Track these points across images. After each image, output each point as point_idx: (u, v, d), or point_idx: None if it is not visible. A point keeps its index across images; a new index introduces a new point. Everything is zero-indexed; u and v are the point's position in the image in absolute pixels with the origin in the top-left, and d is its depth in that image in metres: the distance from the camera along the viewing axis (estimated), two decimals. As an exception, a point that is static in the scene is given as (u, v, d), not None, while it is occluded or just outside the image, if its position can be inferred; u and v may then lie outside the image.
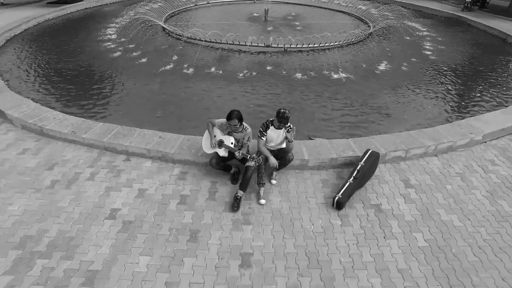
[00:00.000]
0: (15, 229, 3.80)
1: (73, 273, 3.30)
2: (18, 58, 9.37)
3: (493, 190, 4.60)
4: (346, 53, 10.08)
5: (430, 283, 3.28)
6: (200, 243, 3.64)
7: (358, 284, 3.24)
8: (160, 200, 4.25)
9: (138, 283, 3.20)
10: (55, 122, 5.64)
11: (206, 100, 7.05)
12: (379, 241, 3.74)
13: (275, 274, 3.31)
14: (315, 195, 4.37)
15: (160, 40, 10.87)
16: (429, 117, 6.60)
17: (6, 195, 4.31)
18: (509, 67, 9.61)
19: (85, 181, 4.59)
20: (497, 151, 5.52)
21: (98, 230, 3.80)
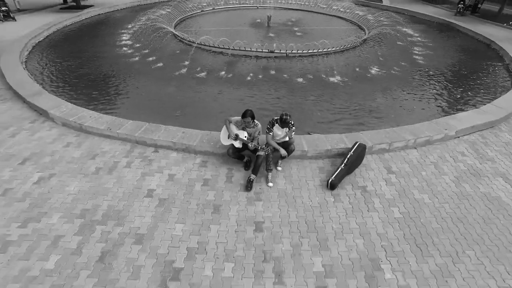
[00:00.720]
0: (75, 204, 4.78)
1: (125, 236, 4.28)
2: (46, 64, 10.36)
3: (459, 175, 5.58)
4: (342, 58, 11.06)
5: (401, 243, 4.26)
6: (222, 214, 4.62)
7: (346, 244, 4.22)
8: (187, 182, 5.23)
9: (176, 242, 4.18)
10: (92, 120, 6.63)
11: (218, 101, 8.03)
12: (363, 213, 4.72)
13: (281, 236, 4.30)
14: (313, 179, 5.36)
15: (172, 46, 11.84)
16: (413, 116, 7.57)
17: (61, 178, 5.30)
18: (489, 71, 10.59)
19: (123, 168, 5.57)
20: (468, 144, 6.51)
21: (140, 205, 4.78)
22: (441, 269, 3.92)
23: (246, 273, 3.80)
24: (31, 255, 3.98)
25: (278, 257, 4.01)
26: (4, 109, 7.58)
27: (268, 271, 3.83)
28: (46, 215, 4.59)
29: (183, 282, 3.69)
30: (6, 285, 3.62)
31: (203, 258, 3.97)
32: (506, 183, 5.42)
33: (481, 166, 5.86)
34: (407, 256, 4.08)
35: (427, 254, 4.12)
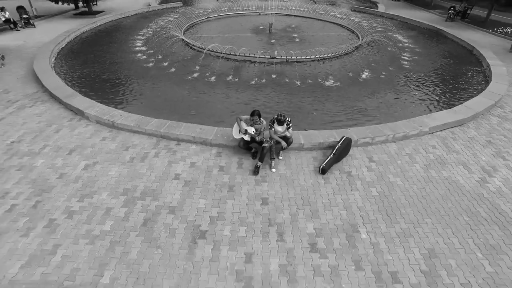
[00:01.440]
0: (118, 185, 6.01)
1: (161, 208, 5.51)
2: (72, 69, 11.60)
3: (428, 164, 6.81)
4: (337, 64, 12.29)
5: (375, 214, 5.48)
6: (235, 192, 5.85)
7: (332, 214, 5.45)
8: (206, 168, 6.46)
9: (201, 212, 5.41)
10: (122, 118, 7.86)
11: (227, 102, 9.26)
12: (347, 192, 5.95)
13: (282, 208, 5.53)
14: (308, 166, 6.59)
15: (183, 52, 13.07)
16: (395, 115, 8.80)
17: (103, 165, 6.53)
18: (467, 75, 11.82)
19: (152, 157, 6.80)
20: (439, 139, 7.73)
21: (169, 185, 6.01)
22: (404, 232, 5.15)
23: (256, 234, 5.03)
24: (91, 221, 5.21)
25: (280, 222, 5.24)
26: (44, 109, 8.82)
27: (273, 232, 5.07)
28: (96, 193, 5.82)
29: (208, 239, 4.92)
30: (78, 240, 4.86)
31: (223, 223, 5.20)
32: (465, 170, 6.65)
33: (447, 157, 7.09)
34: (379, 222, 5.31)
35: (395, 221, 5.35)
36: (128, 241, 4.88)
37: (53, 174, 6.29)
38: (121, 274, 4.40)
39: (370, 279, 4.42)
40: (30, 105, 9.02)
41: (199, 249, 4.78)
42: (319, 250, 4.79)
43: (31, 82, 10.55)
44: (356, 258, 4.69)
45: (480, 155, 7.18)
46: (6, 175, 6.24)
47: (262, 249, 4.79)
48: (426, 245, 4.93)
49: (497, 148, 7.48)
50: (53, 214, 5.35)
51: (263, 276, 4.41)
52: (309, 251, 4.79)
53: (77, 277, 4.36)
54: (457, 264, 4.66)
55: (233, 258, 4.65)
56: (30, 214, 5.35)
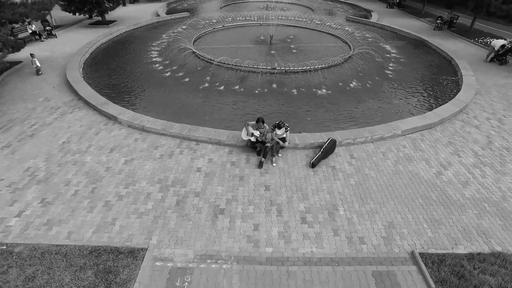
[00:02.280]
0: (152, 176, 7.75)
1: (188, 193, 7.25)
2: (98, 79, 13.34)
3: (398, 160, 8.55)
4: (329, 74, 14.00)
5: (351, 197, 7.22)
6: (245, 181, 7.59)
7: (318, 197, 7.18)
8: (221, 163, 8.20)
9: (219, 196, 7.15)
10: (150, 122, 9.59)
11: (235, 109, 10.98)
12: (331, 181, 7.68)
13: (280, 193, 7.27)
14: (301, 161, 8.33)
15: (195, 63, 14.78)
16: (376, 119, 10.52)
17: (139, 161, 8.27)
18: (443, 84, 13.55)
19: (178, 155, 8.54)
20: (409, 140, 9.47)
21: (193, 176, 7.75)
22: (372, 210, 6.89)
23: (261, 211, 6.77)
24: (137, 202, 6.95)
25: (279, 203, 6.98)
26: (82, 115, 10.55)
27: (273, 210, 6.81)
28: (137, 182, 7.56)
29: (226, 214, 6.66)
30: (129, 215, 6.60)
31: (236, 203, 6.94)
32: (426, 165, 8.39)
33: (413, 154, 8.82)
34: (353, 203, 7.05)
35: (366, 202, 7.08)
36: (166, 216, 6.62)
37: (101, 167, 8.04)
38: (164, 238, 6.14)
39: (344, 241, 6.16)
40: (70, 112, 10.76)
41: (219, 221, 6.52)
42: (307, 222, 6.53)
43: (66, 91, 12.28)
44: (334, 228, 6.43)
45: (440, 153, 8.92)
46: (65, 169, 7.98)
47: (266, 221, 6.53)
48: (387, 219, 6.67)
49: (455, 147, 9.22)
50: (107, 197, 7.09)
51: (267, 239, 6.15)
52: (300, 223, 6.52)
53: (133, 239, 6.10)
54: (408, 232, 6.40)
55: (244, 227, 6.39)
56: (90, 197, 7.09)
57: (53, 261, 5.54)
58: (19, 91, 12.20)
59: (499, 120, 10.84)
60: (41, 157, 8.42)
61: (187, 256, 5.78)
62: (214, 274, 5.46)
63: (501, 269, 5.48)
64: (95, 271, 5.40)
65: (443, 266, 5.59)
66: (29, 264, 5.49)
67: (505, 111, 11.52)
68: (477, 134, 9.95)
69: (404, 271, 5.60)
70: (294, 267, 5.62)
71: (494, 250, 5.99)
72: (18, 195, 7.13)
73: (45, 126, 9.86)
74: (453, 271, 5.46)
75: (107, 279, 5.28)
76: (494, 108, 11.66)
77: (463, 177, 8.01)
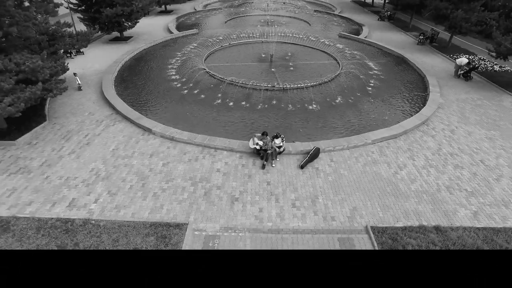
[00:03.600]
0: (185, 174, 10.64)
1: (212, 187, 10.14)
2: (129, 95, 16.21)
3: (366, 163, 11.41)
4: (319, 91, 16.86)
5: (328, 190, 10.10)
6: (252, 179, 10.48)
7: (305, 190, 10.06)
8: (234, 165, 11.08)
9: (235, 189, 10.04)
10: (178, 134, 12.47)
11: (243, 122, 13.85)
12: (315, 179, 10.56)
13: (278, 186, 10.15)
14: (293, 164, 11.21)
15: (208, 81, 17.60)
16: (355, 131, 13.37)
17: (173, 164, 11.15)
18: (413, 100, 16.40)
19: (201, 159, 11.42)
20: (377, 147, 12.33)
21: (214, 175, 10.63)
22: (343, 199, 9.76)
23: (264, 199, 9.65)
24: (176, 193, 9.84)
25: (277, 194, 9.87)
26: (122, 127, 13.43)
27: (273, 198, 9.69)
28: (174, 179, 10.44)
29: (239, 201, 9.55)
30: (172, 202, 9.49)
31: (246, 194, 9.83)
32: (387, 166, 11.25)
33: (379, 158, 11.69)
34: (329, 194, 9.92)
35: (339, 194, 9.96)
36: (198, 202, 9.51)
37: (145, 169, 10.92)
38: (198, 217, 9.02)
39: (320, 219, 9.03)
40: (112, 124, 13.64)
41: (235, 206, 9.40)
42: (296, 206, 9.42)
43: (105, 106, 15.17)
44: (314, 210, 9.31)
45: (399, 158, 11.79)
46: (119, 169, 10.87)
47: (267, 206, 9.41)
48: (352, 205, 9.54)
49: (412, 153, 12.10)
50: (154, 190, 9.97)
51: (268, 217, 9.03)
52: (291, 207, 9.41)
53: (177, 218, 8.98)
54: (366, 213, 9.28)
55: (252, 210, 9.28)
56: (142, 190, 9.97)
57: (127, 231, 8.42)
58: (67, 106, 15.08)
59: (451, 131, 13.71)
60: (99, 160, 11.31)
61: (215, 228, 8.67)
62: (233, 239, 8.35)
63: (420, 235, 8.36)
64: (155, 237, 8.29)
65: (384, 234, 8.46)
66: (112, 232, 8.38)
67: (458, 123, 14.38)
68: (431, 142, 12.82)
69: (359, 238, 8.49)
70: (286, 235, 8.50)
71: (420, 224, 8.87)
72: (91, 188, 10.02)
73: (96, 136, 12.75)
74: (390, 237, 8.34)
75: (164, 241, 8.16)
76: (450, 121, 14.53)
77: (413, 176, 10.88)
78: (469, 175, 11.06)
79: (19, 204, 9.34)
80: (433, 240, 8.30)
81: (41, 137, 12.60)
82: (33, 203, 9.40)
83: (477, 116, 15.05)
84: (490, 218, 9.28)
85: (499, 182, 10.72)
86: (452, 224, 8.98)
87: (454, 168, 11.38)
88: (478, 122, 14.48)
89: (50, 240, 8.16)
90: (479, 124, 14.31)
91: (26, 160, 11.20)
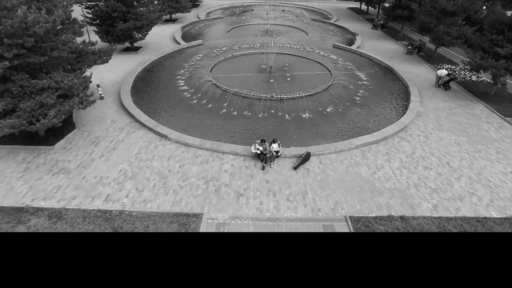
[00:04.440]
0: (198, 174, 12.83)
1: (221, 185, 12.32)
2: (144, 105, 18.39)
3: (350, 165, 13.60)
4: (313, 100, 19.02)
5: (317, 186, 12.28)
6: (254, 178, 12.67)
7: (297, 186, 12.24)
8: (239, 167, 13.27)
9: (240, 186, 12.22)
10: (190, 140, 14.64)
11: (246, 129, 16.03)
12: (305, 178, 12.74)
13: (275, 184, 12.34)
14: (288, 166, 13.39)
15: (214, 91, 19.76)
16: (342, 137, 15.54)
17: (188, 166, 13.34)
18: (396, 109, 18.57)
19: (212, 162, 13.60)
20: (360, 152, 14.51)
21: (223, 175, 12.82)
22: (328, 195, 11.94)
23: (263, 194, 11.84)
24: (192, 190, 12.03)
25: (274, 190, 12.06)
26: (141, 134, 15.61)
27: (271, 194, 11.87)
28: (189, 178, 12.62)
29: (244, 196, 11.74)
30: (189, 197, 11.68)
31: (249, 191, 12.01)
32: (367, 168, 13.43)
33: (360, 161, 13.87)
34: (317, 191, 12.10)
35: (325, 190, 12.14)
36: (210, 197, 11.69)
37: (165, 170, 13.10)
38: (211, 209, 11.20)
39: (309, 210, 11.21)
40: (133, 131, 15.82)
41: (240, 200, 11.59)
42: (290, 200, 11.61)
43: (124, 114, 17.34)
44: (304, 203, 11.49)
45: (378, 160, 13.97)
46: (143, 171, 13.05)
47: (266, 200, 11.60)
48: (335, 199, 11.73)
49: (389, 156, 14.28)
50: (174, 187, 12.15)
51: (267, 209, 11.21)
52: (285, 201, 11.59)
53: (194, 210, 11.17)
54: (346, 206, 11.46)
55: (254, 203, 11.46)
56: (163, 187, 12.15)
57: (155, 219, 10.61)
58: (91, 115, 17.26)
59: (426, 137, 15.90)
60: (125, 163, 13.49)
61: (224, 217, 10.86)
62: (239, 226, 10.54)
63: (388, 223, 10.54)
64: (178, 224, 10.47)
65: (359, 222, 10.64)
66: (143, 220, 10.56)
67: (433, 129, 16.57)
68: (407, 147, 15.01)
69: (339, 225, 10.67)
70: (281, 222, 10.69)
71: (389, 214, 11.05)
72: (121, 186, 12.21)
73: (120, 142, 14.92)
74: (364, 224, 10.52)
75: (185, 227, 10.34)
76: (426, 128, 16.72)
77: (388, 175, 13.06)
78: (435, 175, 13.24)
79: (65, 198, 11.53)
80: (397, 227, 10.49)
81: (73, 143, 14.78)
82: (76, 197, 11.59)
83: (450, 123, 17.24)
84: (446, 210, 11.47)
85: (459, 181, 12.90)
86: (415, 215, 11.17)
87: (423, 169, 13.56)
88: (450, 129, 16.66)
89: (95, 226, 10.34)
90: (451, 131, 16.50)
91: (65, 162, 13.39)
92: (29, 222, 10.42)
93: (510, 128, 16.87)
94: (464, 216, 11.15)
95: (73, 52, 16.00)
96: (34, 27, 11.56)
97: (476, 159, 14.31)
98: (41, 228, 10.23)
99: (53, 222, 10.44)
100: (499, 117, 17.94)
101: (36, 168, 12.99)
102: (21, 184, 12.09)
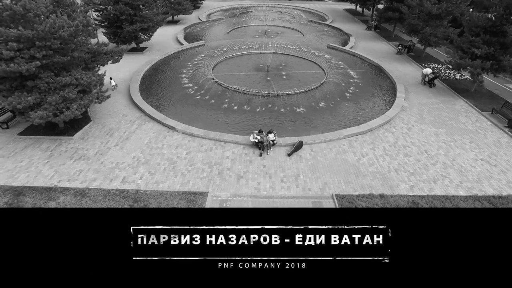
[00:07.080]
0: (204, 160, 14.49)
1: (223, 169, 13.98)
2: (152, 100, 20.04)
3: (338, 152, 15.26)
4: (306, 96, 20.66)
5: (308, 171, 13.94)
6: (252, 163, 14.34)
7: (291, 170, 13.90)
8: (239, 154, 14.93)
9: (241, 170, 13.88)
10: (195, 131, 16.30)
11: (245, 122, 17.68)
12: (298, 163, 14.41)
13: (271, 169, 14.00)
14: (283, 153, 15.05)
15: (216, 88, 21.39)
16: (331, 129, 17.19)
17: (194, 153, 14.99)
18: (384, 104, 20.23)
19: (215, 150, 15.26)
20: (347, 141, 16.17)
21: (225, 161, 14.48)
22: (318, 177, 13.61)
23: (261, 176, 13.50)
24: (198, 173, 13.68)
25: (270, 173, 13.72)
26: (151, 126, 17.25)
27: (267, 177, 13.53)
28: (195, 164, 14.28)
29: (244, 178, 13.40)
30: (196, 179, 13.33)
31: (248, 173, 13.68)
32: (353, 155, 15.09)
33: (348, 149, 15.53)
34: (308, 174, 13.76)
35: (315, 173, 13.80)
36: (214, 179, 13.34)
37: (174, 156, 14.74)
38: (215, 188, 12.86)
39: (301, 190, 12.88)
40: (143, 124, 17.46)
41: (240, 181, 13.25)
42: (284, 181, 13.27)
43: (134, 109, 18.97)
44: (297, 184, 13.15)
45: (363, 149, 15.63)
46: (154, 157, 14.69)
47: (263, 181, 13.26)
48: (324, 181, 13.39)
49: (374, 145, 15.94)
50: (182, 171, 13.80)
51: (263, 188, 12.87)
52: (280, 182, 13.25)
53: (200, 189, 12.82)
54: (333, 186, 13.12)
55: (253, 184, 13.12)
56: (173, 171, 13.79)
57: (166, 197, 12.25)
58: (104, 109, 18.89)
59: (408, 129, 17.56)
60: (138, 151, 15.13)
61: (227, 195, 12.52)
62: (239, 201, 12.19)
63: (368, 200, 12.20)
64: (186, 200, 12.12)
65: (344, 199, 12.30)
66: (156, 197, 12.20)
67: (415, 122, 18.24)
68: (391, 137, 16.67)
69: (326, 202, 12.33)
70: (276, 200, 12.35)
71: (370, 193, 12.71)
72: (135, 170, 13.85)
73: (132, 133, 16.56)
74: (348, 201, 12.18)
75: (192, 203, 11.99)
76: (409, 121, 18.38)
77: (371, 161, 14.72)
78: (414, 161, 14.91)
79: (87, 180, 13.17)
80: (376, 203, 12.15)
81: (90, 134, 16.43)
82: (97, 179, 13.23)
83: (432, 117, 18.91)
84: (421, 190, 13.13)
85: (434, 166, 14.58)
86: (393, 193, 12.83)
87: (404, 156, 15.23)
88: (431, 122, 18.34)
89: (115, 202, 11.99)
90: (432, 123, 18.17)
91: (84, 150, 15.03)
92: (58, 199, 12.05)
93: (485, 121, 18.57)
94: (435, 195, 12.81)
95: (88, 52, 17.65)
96: (60, 31, 13.19)
97: (452, 148, 15.99)
98: (69, 204, 11.87)
99: (79, 199, 12.08)
100: (476, 112, 19.63)
101: (59, 155, 14.63)
102: (48, 169, 13.73)
